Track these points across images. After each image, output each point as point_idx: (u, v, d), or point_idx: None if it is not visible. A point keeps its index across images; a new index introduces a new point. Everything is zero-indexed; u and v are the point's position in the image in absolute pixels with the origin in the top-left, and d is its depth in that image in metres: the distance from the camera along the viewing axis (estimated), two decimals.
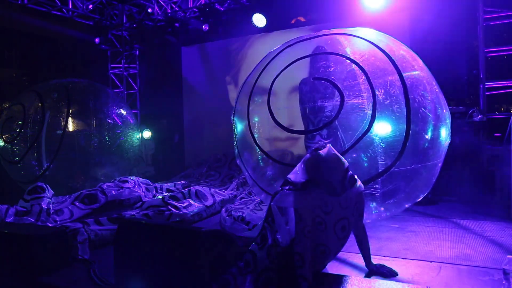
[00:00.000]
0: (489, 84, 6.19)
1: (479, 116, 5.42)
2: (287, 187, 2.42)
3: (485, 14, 6.13)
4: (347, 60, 3.60)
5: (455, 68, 6.52)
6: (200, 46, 9.32)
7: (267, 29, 8.00)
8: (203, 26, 8.18)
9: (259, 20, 7.54)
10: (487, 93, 6.21)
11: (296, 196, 2.34)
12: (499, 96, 6.48)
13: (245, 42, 8.67)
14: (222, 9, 8.22)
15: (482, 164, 5.90)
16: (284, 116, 3.99)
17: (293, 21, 8.22)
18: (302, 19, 8.05)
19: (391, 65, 3.49)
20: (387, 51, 3.56)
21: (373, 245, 3.19)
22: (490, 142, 6.03)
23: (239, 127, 4.31)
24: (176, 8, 8.52)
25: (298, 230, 2.28)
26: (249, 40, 8.59)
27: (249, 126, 4.07)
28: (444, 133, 3.53)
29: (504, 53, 6.32)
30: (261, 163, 4.17)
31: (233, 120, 4.38)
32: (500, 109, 8.01)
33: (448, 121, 3.58)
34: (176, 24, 8.48)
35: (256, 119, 4.13)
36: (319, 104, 3.89)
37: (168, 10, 8.66)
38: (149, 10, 8.86)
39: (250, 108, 4.11)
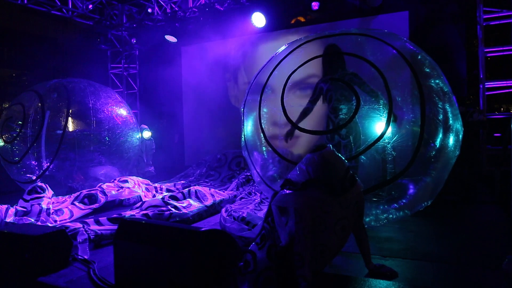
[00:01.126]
0: (489, 84, 6.19)
1: (479, 116, 5.42)
2: (287, 187, 2.42)
3: (485, 14, 6.14)
4: (367, 63, 3.59)
5: (455, 68, 6.53)
6: (200, 46, 9.32)
7: (267, 29, 8.01)
8: (203, 26, 8.19)
9: (258, 19, 7.54)
10: (487, 93, 6.21)
11: (296, 196, 2.34)
12: (499, 96, 6.49)
13: (245, 42, 8.66)
14: (222, 9, 8.23)
15: (482, 163, 5.91)
16: (296, 114, 3.98)
17: (293, 21, 8.23)
18: (302, 19, 8.06)
19: (410, 72, 3.46)
20: (407, 57, 3.53)
21: (373, 245, 3.19)
22: (490, 142, 6.04)
23: (248, 118, 4.28)
24: (176, 8, 8.52)
25: (298, 230, 2.28)
26: (248, 40, 8.59)
27: (259, 118, 4.04)
28: (453, 144, 3.50)
29: (504, 53, 6.32)
30: (265, 155, 4.16)
31: (242, 111, 4.35)
32: (500, 109, 8.02)
33: (460, 133, 3.53)
34: (176, 24, 8.49)
35: (265, 110, 4.11)
36: (334, 104, 3.89)
37: (168, 10, 8.67)
38: (149, 10, 8.86)
39: (262, 101, 4.08)
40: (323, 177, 2.36)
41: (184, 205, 4.74)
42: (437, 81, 3.55)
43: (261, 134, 4.02)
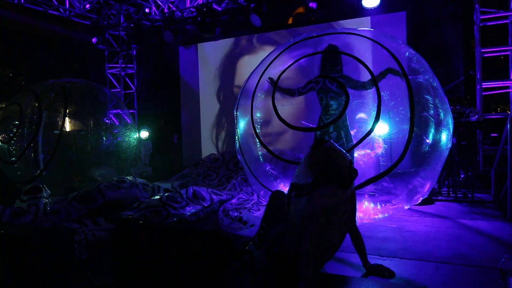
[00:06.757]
0: (486, 85, 6.21)
1: (476, 116, 5.44)
2: (294, 193, 2.39)
3: (482, 14, 6.15)
4: (355, 61, 3.65)
5: (452, 69, 6.55)
6: (198, 46, 9.32)
7: (264, 29, 8.01)
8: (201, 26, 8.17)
9: (256, 19, 7.55)
10: (483, 93, 6.23)
11: (309, 200, 2.30)
12: (496, 96, 6.50)
13: (243, 42, 8.67)
14: (219, 9, 8.22)
15: (478, 164, 5.94)
16: (288, 112, 4.03)
17: (290, 21, 8.23)
18: (301, 10, 7.98)
19: (398, 67, 3.52)
20: (394, 53, 3.58)
21: (370, 245, 3.19)
22: (487, 142, 6.06)
23: (242, 122, 4.31)
24: (173, 8, 8.51)
25: (311, 230, 2.26)
26: (246, 39, 8.59)
27: (252, 121, 4.08)
28: (445, 138, 3.55)
29: (501, 53, 6.34)
30: (261, 159, 4.19)
31: (236, 114, 4.38)
32: (496, 109, 8.04)
33: (451, 126, 3.60)
34: (176, 25, 8.47)
35: (258, 115, 4.16)
36: (324, 102, 3.94)
37: (166, 10, 8.65)
38: (147, 10, 8.84)
39: (253, 103, 4.13)
40: (334, 168, 2.34)
41: (181, 205, 4.73)
42: (426, 76, 3.61)
43: (255, 136, 4.05)
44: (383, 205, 3.63)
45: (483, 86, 6.19)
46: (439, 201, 5.20)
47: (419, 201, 3.70)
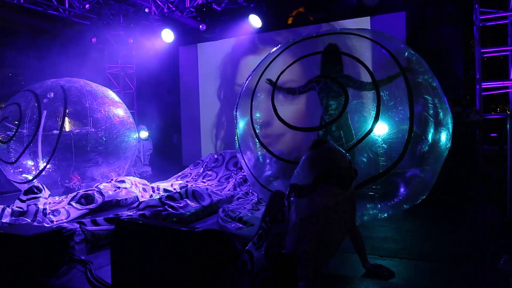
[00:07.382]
0: (485, 85, 6.21)
1: (476, 116, 5.44)
2: (294, 194, 2.39)
3: (481, 14, 6.16)
4: (354, 61, 3.65)
5: (452, 69, 6.55)
6: (197, 46, 9.31)
7: (264, 29, 8.01)
8: (200, 26, 8.17)
9: (256, 20, 7.54)
10: (483, 94, 6.23)
11: (309, 201, 2.30)
12: (495, 97, 6.51)
13: (243, 42, 8.66)
14: (219, 9, 8.22)
15: (478, 163, 5.94)
16: (288, 112, 4.03)
17: (290, 21, 8.23)
18: (301, 10, 7.98)
19: (397, 67, 3.51)
20: (393, 53, 3.58)
21: (370, 245, 3.19)
22: (486, 142, 6.06)
23: (241, 122, 4.31)
24: (173, 8, 8.51)
25: (312, 230, 2.26)
26: (246, 39, 8.59)
27: (251, 121, 4.08)
28: (445, 138, 3.55)
29: (500, 53, 6.35)
30: (261, 159, 4.19)
31: (235, 114, 4.38)
32: (496, 109, 8.05)
33: (450, 126, 3.60)
34: (173, 24, 8.47)
35: (258, 115, 4.15)
36: (325, 102, 3.94)
37: (165, 10, 8.65)
38: (146, 10, 8.84)
39: (253, 103, 4.13)
40: (334, 168, 2.34)
41: (181, 205, 4.73)
42: (425, 76, 3.61)
43: (255, 136, 4.05)
44: (383, 205, 3.63)
45: (482, 86, 6.20)
46: (439, 201, 5.19)
47: (419, 201, 3.69)
